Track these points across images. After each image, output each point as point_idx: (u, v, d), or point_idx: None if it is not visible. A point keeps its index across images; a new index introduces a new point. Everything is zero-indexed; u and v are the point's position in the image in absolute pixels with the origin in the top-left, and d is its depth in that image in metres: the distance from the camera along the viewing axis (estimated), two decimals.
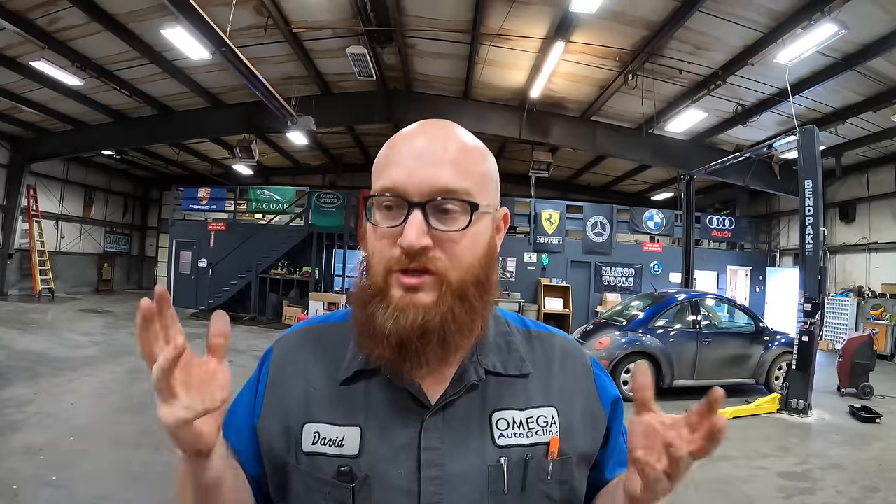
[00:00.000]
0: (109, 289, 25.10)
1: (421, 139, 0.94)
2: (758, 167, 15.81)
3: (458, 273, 0.90)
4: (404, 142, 0.94)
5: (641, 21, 10.38)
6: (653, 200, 24.45)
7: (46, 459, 5.27)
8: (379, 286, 0.91)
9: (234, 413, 1.06)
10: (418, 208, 0.88)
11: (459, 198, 0.90)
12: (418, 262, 0.88)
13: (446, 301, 0.89)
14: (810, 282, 9.13)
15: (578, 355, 1.14)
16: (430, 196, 0.89)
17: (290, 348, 1.08)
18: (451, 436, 0.95)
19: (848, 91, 12.08)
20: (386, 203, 0.91)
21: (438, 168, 0.90)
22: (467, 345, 0.96)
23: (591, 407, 1.08)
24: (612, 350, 9.42)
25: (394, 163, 0.92)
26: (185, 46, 10.51)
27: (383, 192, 0.91)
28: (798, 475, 6.22)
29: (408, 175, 0.89)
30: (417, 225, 0.87)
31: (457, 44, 12.00)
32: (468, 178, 0.92)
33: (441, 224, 0.89)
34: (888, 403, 9.63)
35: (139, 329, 0.75)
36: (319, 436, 0.95)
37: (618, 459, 1.12)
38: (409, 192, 0.88)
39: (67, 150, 18.73)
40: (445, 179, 0.89)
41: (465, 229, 0.90)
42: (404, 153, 0.92)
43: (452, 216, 0.90)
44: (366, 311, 0.92)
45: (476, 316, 0.94)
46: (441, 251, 0.89)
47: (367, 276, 0.95)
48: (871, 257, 17.06)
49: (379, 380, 0.97)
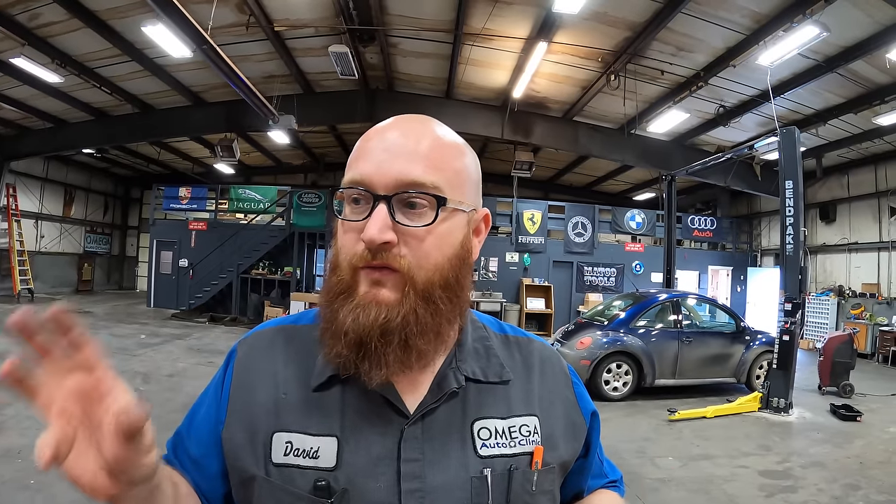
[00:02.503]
0: (89, 289, 24.82)
1: (393, 132, 0.91)
2: (739, 168, 15.94)
3: (424, 273, 0.87)
4: (376, 135, 0.92)
5: (624, 22, 10.40)
6: (635, 200, 24.61)
7: (25, 463, 5.19)
8: (346, 282, 0.87)
9: (195, 419, 1.02)
10: (383, 201, 0.85)
11: (427, 191, 0.86)
12: (381, 258, 0.85)
13: (409, 300, 0.86)
14: (791, 281, 9.20)
15: (556, 362, 1.12)
16: (397, 189, 0.86)
17: (256, 349, 1.01)
18: (432, 446, 0.90)
19: (829, 93, 12.19)
20: (354, 196, 0.89)
21: (408, 161, 0.87)
22: (431, 350, 0.90)
23: (572, 415, 1.06)
24: (594, 350, 9.43)
25: (364, 155, 0.89)
26: (166, 44, 10.38)
27: (351, 184, 0.88)
28: (779, 473, 6.26)
29: (376, 167, 0.87)
30: (381, 219, 0.84)
31: (439, 43, 11.98)
32: (440, 173, 0.89)
33: (406, 219, 0.86)
34: (869, 402, 9.75)
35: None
36: (292, 446, 0.89)
37: (596, 472, 1.13)
38: (375, 184, 0.86)
39: (47, 149, 18.44)
40: (414, 172, 0.86)
41: (431, 225, 0.87)
42: (375, 146, 0.89)
43: (420, 211, 0.87)
44: (331, 307, 0.89)
45: (441, 319, 0.90)
46: (406, 247, 0.86)
47: (332, 273, 0.91)
48: (851, 257, 17.24)
49: (354, 386, 0.92)
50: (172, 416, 7.36)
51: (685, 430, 7.89)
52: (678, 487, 5.75)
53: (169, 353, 11.42)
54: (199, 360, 10.66)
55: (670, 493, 5.61)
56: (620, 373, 9.51)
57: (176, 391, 8.27)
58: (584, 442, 1.08)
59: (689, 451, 6.98)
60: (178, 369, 9.87)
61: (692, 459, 6.69)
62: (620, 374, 9.52)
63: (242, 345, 1.04)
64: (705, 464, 6.53)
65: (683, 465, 6.47)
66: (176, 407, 7.39)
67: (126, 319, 16.17)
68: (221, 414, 0.97)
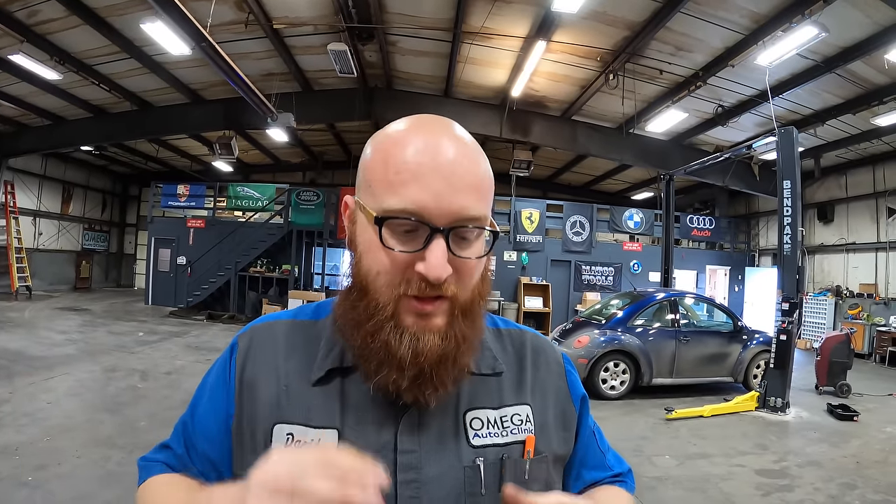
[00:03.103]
0: (87, 286, 24.77)
1: (436, 150, 0.84)
2: (737, 168, 15.97)
3: (466, 294, 0.88)
4: (417, 148, 0.84)
5: (623, 21, 10.42)
6: (633, 200, 24.64)
7: (22, 459, 5.19)
8: (387, 311, 0.85)
9: (199, 415, 1.02)
10: (441, 235, 0.82)
11: (482, 226, 0.86)
12: (436, 290, 0.84)
13: (458, 323, 0.87)
14: (788, 281, 9.22)
15: (550, 352, 1.13)
16: (454, 223, 0.83)
17: (257, 342, 1.02)
18: (427, 437, 0.92)
19: (827, 93, 12.21)
20: (405, 228, 0.83)
21: (466, 194, 0.84)
22: (470, 357, 0.92)
23: (563, 405, 1.07)
24: (591, 348, 9.45)
25: (412, 179, 0.82)
26: (165, 41, 10.38)
27: (404, 214, 0.82)
28: (776, 472, 6.27)
29: (435, 199, 0.82)
30: (443, 254, 0.82)
31: (438, 42, 11.98)
32: (486, 202, 0.88)
33: (460, 251, 0.85)
34: (865, 402, 9.77)
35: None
36: (293, 438, 0.90)
37: (594, 462, 1.12)
38: (433, 217, 0.82)
39: (46, 146, 18.42)
40: (472, 208, 0.84)
41: (482, 257, 0.88)
42: (424, 166, 0.83)
43: (469, 243, 0.86)
44: (375, 338, 0.86)
45: (478, 330, 0.93)
46: (455, 278, 0.86)
47: (364, 295, 0.88)
48: (848, 257, 17.26)
49: (353, 379, 0.94)
50: (170, 413, 7.39)
51: (682, 428, 7.90)
52: (675, 486, 5.76)
53: (167, 350, 11.41)
54: (197, 358, 10.66)
55: (667, 491, 5.62)
56: (618, 372, 9.53)
57: (174, 388, 8.27)
58: (575, 428, 1.09)
59: (686, 450, 6.99)
60: (177, 367, 9.86)
61: (689, 458, 6.70)
62: (618, 373, 9.53)
63: (243, 338, 1.04)
64: (702, 462, 6.54)
65: (680, 464, 6.48)
66: (174, 404, 7.41)
67: (124, 317, 16.16)
68: (231, 407, 0.98)
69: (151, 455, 1.08)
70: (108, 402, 7.42)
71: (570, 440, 1.07)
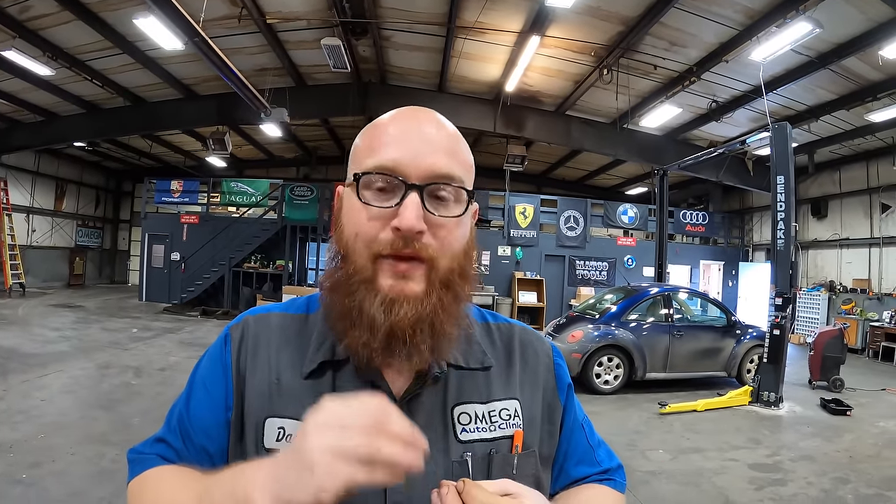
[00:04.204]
0: (81, 283, 24.72)
1: (415, 123, 0.91)
2: (731, 163, 15.99)
3: (446, 262, 0.88)
4: (398, 123, 0.92)
5: (617, 16, 10.41)
6: (627, 195, 24.59)
7: (17, 457, 5.18)
8: (366, 273, 0.87)
9: (195, 408, 1.01)
10: (415, 191, 0.85)
11: (456, 184, 0.89)
12: (412, 246, 0.85)
13: (435, 290, 0.87)
14: (782, 276, 9.24)
15: (538, 345, 1.12)
16: (428, 180, 0.86)
17: (250, 334, 1.02)
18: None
19: (821, 89, 12.24)
20: (379, 184, 0.87)
21: (437, 153, 0.88)
22: (455, 333, 0.93)
23: (549, 399, 1.07)
24: (585, 343, 9.45)
25: (391, 142, 0.89)
26: (158, 36, 10.35)
27: (379, 170, 0.87)
28: (769, 467, 6.30)
29: (408, 155, 0.87)
30: (416, 207, 0.84)
31: (432, 36, 11.96)
32: (461, 166, 0.91)
33: (436, 209, 0.87)
34: (858, 396, 9.82)
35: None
36: (284, 432, 0.90)
37: (580, 456, 1.11)
38: (408, 173, 0.86)
39: (39, 142, 18.33)
40: (445, 165, 0.88)
41: (460, 217, 0.89)
42: (402, 134, 0.89)
43: (445, 203, 0.89)
44: (351, 299, 0.87)
45: (461, 304, 0.92)
46: (432, 237, 0.87)
47: (344, 261, 0.90)
48: (842, 253, 17.33)
49: (345, 372, 0.94)
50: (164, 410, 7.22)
51: (676, 423, 7.92)
52: (668, 480, 5.78)
53: (161, 347, 11.38)
54: (190, 354, 10.63)
55: (661, 485, 5.64)
56: (611, 366, 9.54)
57: (168, 385, 8.25)
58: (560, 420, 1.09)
59: (679, 445, 7.01)
60: (170, 363, 9.84)
61: (682, 452, 6.72)
62: (611, 368, 9.54)
63: (236, 329, 1.04)
64: (695, 457, 6.56)
65: (674, 458, 6.49)
66: (168, 401, 7.31)
67: (118, 313, 16.11)
68: (230, 400, 0.97)
69: (145, 448, 1.05)
70: (102, 398, 7.40)
71: (556, 434, 1.07)
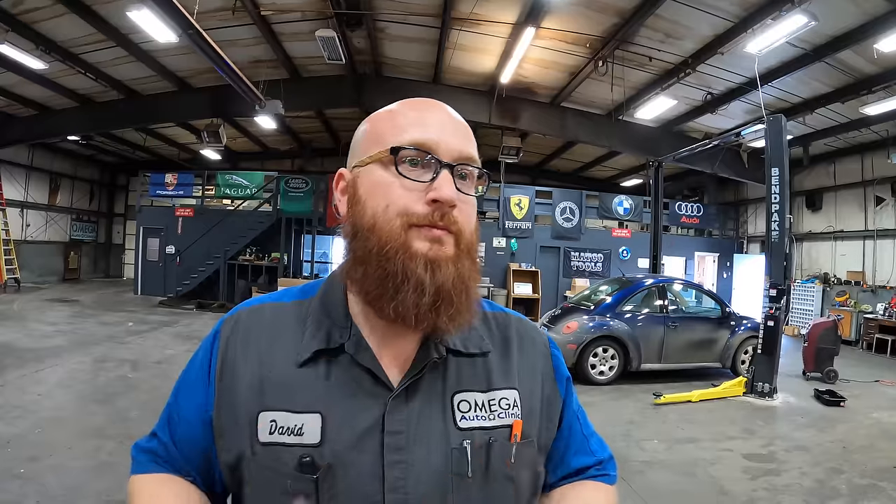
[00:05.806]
0: (76, 277, 24.60)
1: (436, 109, 0.98)
2: (726, 155, 16.00)
3: (468, 235, 0.93)
4: (418, 109, 0.97)
5: (612, 8, 10.39)
6: (622, 187, 24.63)
7: (14, 451, 5.18)
8: (399, 240, 0.88)
9: (180, 405, 1.04)
10: (448, 168, 0.91)
11: (477, 166, 0.96)
12: (446, 219, 0.89)
13: (463, 256, 0.92)
14: (776, 268, 9.29)
15: (535, 335, 1.14)
16: (458, 160, 0.93)
17: (241, 327, 1.01)
18: (414, 418, 0.92)
19: (816, 82, 12.25)
20: (412, 158, 0.91)
21: (462, 137, 0.96)
22: (478, 305, 1.00)
23: (548, 391, 1.08)
24: (580, 334, 9.49)
25: (418, 123, 0.94)
26: (152, 29, 10.24)
27: (416, 146, 0.91)
28: (763, 457, 6.34)
29: (439, 136, 0.93)
30: (451, 182, 0.90)
31: (427, 28, 11.91)
32: (476, 151, 0.98)
33: (461, 188, 0.93)
34: (852, 387, 9.87)
35: None
36: (276, 424, 0.90)
37: (577, 447, 1.12)
38: (440, 152, 0.91)
39: (32, 136, 18.22)
40: (469, 148, 0.95)
41: (477, 195, 0.98)
42: (427, 117, 0.95)
43: (466, 183, 0.95)
44: (391, 263, 0.87)
45: (477, 276, 0.96)
46: (459, 213, 0.91)
47: (371, 232, 0.89)
48: (836, 245, 17.37)
49: (340, 360, 0.94)
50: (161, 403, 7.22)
51: (671, 413, 7.96)
52: (663, 470, 5.82)
53: (157, 340, 11.38)
54: (187, 347, 10.63)
55: (656, 475, 5.67)
56: (606, 357, 9.58)
57: (164, 378, 8.23)
58: (560, 412, 1.10)
59: (674, 435, 7.05)
60: (167, 356, 9.84)
61: (677, 442, 6.76)
62: (606, 359, 9.58)
63: (227, 323, 1.03)
64: (690, 447, 6.60)
65: (669, 449, 6.53)
66: (165, 394, 7.20)
67: (113, 307, 16.07)
68: (211, 398, 0.98)
69: (143, 444, 1.08)
70: (98, 392, 7.40)
71: (554, 426, 1.08)
